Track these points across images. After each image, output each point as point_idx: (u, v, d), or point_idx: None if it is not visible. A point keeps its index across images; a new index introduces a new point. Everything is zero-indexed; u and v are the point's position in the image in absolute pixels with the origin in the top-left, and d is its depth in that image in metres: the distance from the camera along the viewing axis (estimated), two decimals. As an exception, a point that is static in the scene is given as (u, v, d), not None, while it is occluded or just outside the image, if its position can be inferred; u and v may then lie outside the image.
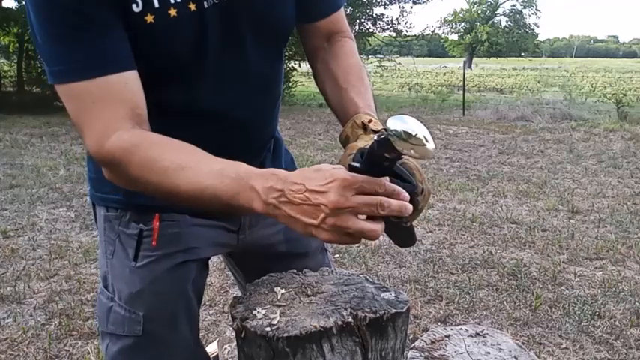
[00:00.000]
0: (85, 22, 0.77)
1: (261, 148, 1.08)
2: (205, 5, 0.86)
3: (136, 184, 0.82)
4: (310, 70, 1.11)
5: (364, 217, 0.72)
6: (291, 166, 1.17)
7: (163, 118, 0.87)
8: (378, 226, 0.72)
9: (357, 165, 0.74)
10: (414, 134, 0.65)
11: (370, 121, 0.92)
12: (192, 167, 0.77)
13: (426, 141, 0.66)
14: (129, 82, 0.81)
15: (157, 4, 0.81)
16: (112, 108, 0.80)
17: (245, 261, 1.21)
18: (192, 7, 0.84)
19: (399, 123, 0.66)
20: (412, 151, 0.66)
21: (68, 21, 0.77)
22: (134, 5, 0.80)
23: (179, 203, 0.85)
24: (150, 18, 0.81)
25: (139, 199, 0.97)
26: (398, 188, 0.72)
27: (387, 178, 0.75)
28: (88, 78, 0.79)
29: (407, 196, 0.73)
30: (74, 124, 0.83)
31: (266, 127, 1.05)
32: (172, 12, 0.83)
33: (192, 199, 0.78)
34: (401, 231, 0.88)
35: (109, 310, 1.01)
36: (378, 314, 0.85)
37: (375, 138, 0.70)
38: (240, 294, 1.06)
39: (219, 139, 0.85)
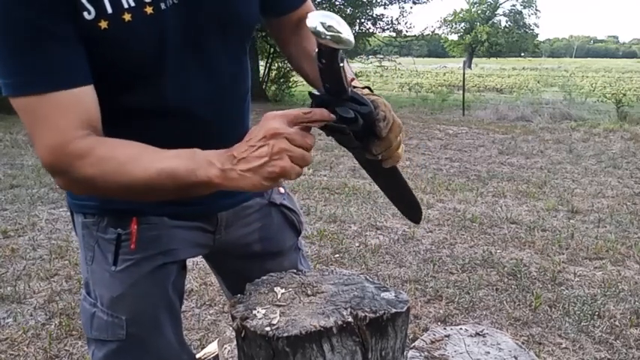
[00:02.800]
0: (37, 35, 0.77)
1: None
2: (163, 7, 0.85)
3: (93, 185, 0.83)
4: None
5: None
6: None
7: (130, 122, 0.87)
8: (309, 137, 0.80)
9: (317, 93, 0.85)
10: (328, 25, 0.74)
11: (352, 79, 0.95)
12: (147, 155, 0.81)
13: (341, 31, 0.75)
14: (81, 97, 0.82)
15: (109, 10, 0.81)
16: (67, 118, 0.81)
17: (222, 263, 1.21)
18: (149, 9, 0.84)
19: (315, 20, 0.75)
20: (332, 43, 0.75)
21: (20, 33, 0.76)
22: (85, 13, 0.79)
23: (136, 198, 0.89)
24: (104, 24, 0.81)
25: (116, 204, 0.97)
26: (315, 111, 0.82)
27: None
28: (40, 92, 0.79)
29: (325, 114, 0.82)
30: (30, 136, 0.83)
31: (235, 126, 1.04)
32: (127, 17, 0.82)
33: (149, 186, 0.81)
34: (399, 193, 0.99)
35: (92, 316, 1.01)
36: (378, 314, 0.85)
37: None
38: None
39: (188, 140, 0.85)
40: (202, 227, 1.06)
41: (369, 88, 0.92)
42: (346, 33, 0.75)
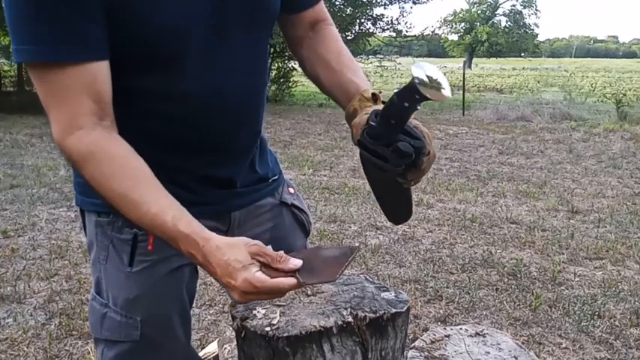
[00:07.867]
0: (61, 3, 0.76)
1: (252, 143, 1.06)
2: None
3: (87, 180, 0.86)
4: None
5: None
6: (276, 167, 1.16)
7: (134, 106, 0.85)
8: (287, 282, 0.81)
9: (374, 124, 0.83)
10: (434, 78, 0.75)
11: (380, 92, 0.94)
12: (136, 201, 0.83)
13: (444, 86, 0.76)
14: (100, 73, 0.81)
15: None
16: (80, 99, 0.81)
17: None
18: None
19: (421, 71, 0.76)
20: (431, 95, 0.76)
21: (43, 1, 0.76)
22: None
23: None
24: None
25: None
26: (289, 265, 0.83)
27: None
28: (63, 61, 0.79)
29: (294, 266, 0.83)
30: (43, 105, 0.83)
31: (254, 117, 1.03)
32: None
33: (136, 219, 0.85)
34: (399, 198, 0.96)
35: (103, 317, 1.00)
36: (378, 314, 0.85)
37: (396, 89, 0.79)
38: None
39: (208, 129, 0.83)
40: (215, 227, 1.04)
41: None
42: (449, 91, 0.77)
